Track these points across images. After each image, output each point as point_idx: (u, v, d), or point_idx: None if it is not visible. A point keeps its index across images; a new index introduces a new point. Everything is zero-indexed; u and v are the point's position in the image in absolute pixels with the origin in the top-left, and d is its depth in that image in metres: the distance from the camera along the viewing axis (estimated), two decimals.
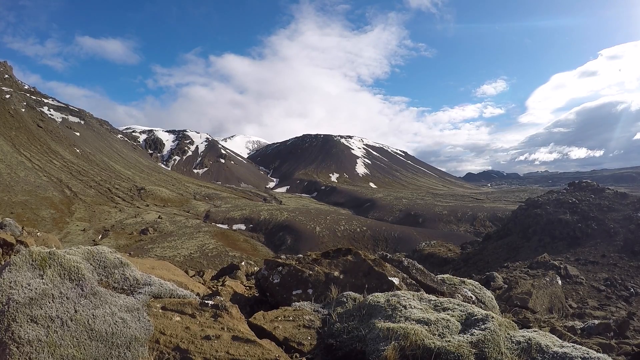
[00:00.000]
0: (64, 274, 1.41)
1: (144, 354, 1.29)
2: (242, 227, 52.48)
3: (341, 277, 2.20)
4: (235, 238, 43.58)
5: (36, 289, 1.30)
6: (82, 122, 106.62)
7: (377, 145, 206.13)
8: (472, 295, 2.49)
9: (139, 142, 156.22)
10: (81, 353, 1.19)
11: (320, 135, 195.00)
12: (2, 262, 2.21)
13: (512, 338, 1.45)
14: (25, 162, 56.98)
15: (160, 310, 1.50)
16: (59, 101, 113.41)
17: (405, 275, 2.35)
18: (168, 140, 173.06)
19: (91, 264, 1.61)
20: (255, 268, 4.65)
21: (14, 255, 1.46)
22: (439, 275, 2.68)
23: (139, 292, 1.58)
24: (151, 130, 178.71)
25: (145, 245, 35.91)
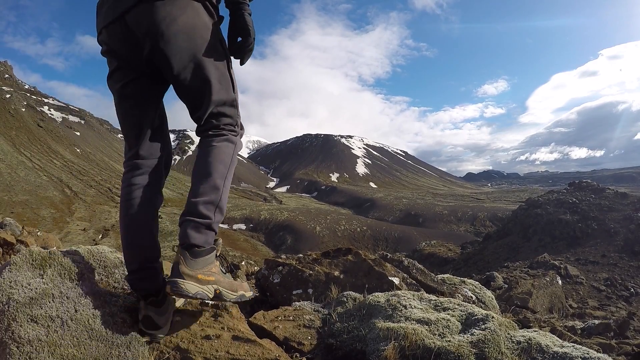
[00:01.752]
0: (64, 274, 1.40)
1: (144, 353, 1.29)
2: (242, 226, 52.49)
3: (341, 276, 2.19)
4: (235, 238, 43.60)
5: (36, 288, 1.30)
6: (83, 121, 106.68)
7: (377, 145, 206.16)
8: (472, 295, 2.49)
9: None
10: (81, 352, 1.19)
11: (321, 135, 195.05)
12: (3, 262, 2.21)
13: (513, 338, 1.45)
14: (26, 161, 57.03)
15: None
16: (59, 101, 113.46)
17: (405, 275, 2.35)
18: None
19: (91, 264, 1.61)
20: (256, 268, 4.64)
21: (14, 254, 1.46)
22: (439, 275, 2.68)
23: None
24: None
25: None
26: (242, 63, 1.50)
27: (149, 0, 1.27)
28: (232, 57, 1.49)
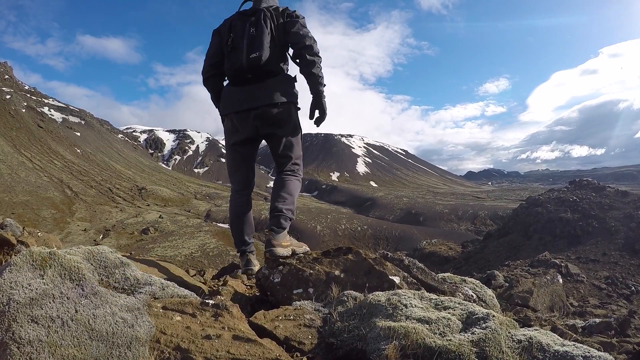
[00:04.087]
0: (65, 274, 1.40)
1: (145, 353, 1.29)
2: None
3: (342, 276, 2.19)
4: None
5: (37, 289, 1.30)
6: (83, 122, 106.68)
7: (378, 144, 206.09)
8: (473, 294, 2.49)
9: (140, 141, 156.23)
10: (82, 353, 1.19)
11: (321, 134, 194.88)
12: (3, 263, 2.21)
13: (513, 337, 1.45)
14: (26, 162, 57.06)
15: (160, 310, 1.50)
16: (59, 101, 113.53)
17: (406, 274, 2.35)
18: (169, 140, 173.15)
19: (92, 264, 1.60)
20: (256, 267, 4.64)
21: (15, 255, 1.46)
22: (439, 274, 2.68)
23: (140, 292, 1.57)
24: (152, 130, 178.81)
25: (146, 244, 35.95)
26: (317, 126, 2.50)
27: (271, 105, 2.35)
28: (311, 121, 2.48)
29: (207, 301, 1.64)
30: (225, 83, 2.58)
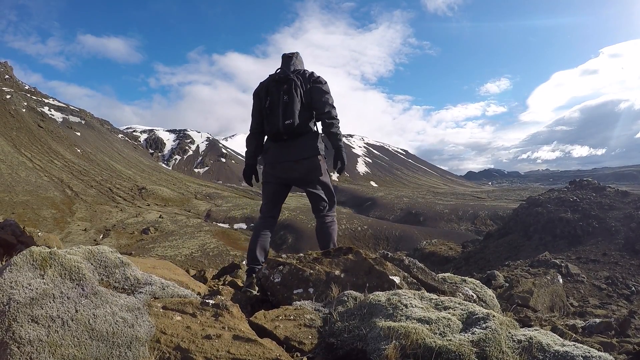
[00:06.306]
0: (65, 274, 1.40)
1: (145, 353, 1.28)
2: (244, 226, 52.40)
3: (342, 276, 2.19)
4: (236, 237, 43.56)
5: (37, 288, 1.30)
6: (83, 122, 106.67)
7: (378, 144, 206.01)
8: (473, 294, 2.49)
9: (140, 141, 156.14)
10: (82, 353, 1.19)
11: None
12: (3, 262, 2.22)
13: (513, 337, 1.44)
14: (26, 162, 57.07)
15: (161, 310, 1.50)
16: (59, 101, 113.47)
17: (406, 274, 2.34)
18: (169, 140, 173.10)
19: (92, 264, 1.61)
20: None
21: (15, 255, 1.46)
22: (440, 274, 2.67)
23: (140, 292, 1.58)
24: (152, 130, 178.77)
25: (146, 244, 35.95)
26: (340, 174, 3.10)
27: (302, 159, 2.93)
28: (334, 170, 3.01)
29: (207, 301, 1.64)
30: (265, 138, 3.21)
